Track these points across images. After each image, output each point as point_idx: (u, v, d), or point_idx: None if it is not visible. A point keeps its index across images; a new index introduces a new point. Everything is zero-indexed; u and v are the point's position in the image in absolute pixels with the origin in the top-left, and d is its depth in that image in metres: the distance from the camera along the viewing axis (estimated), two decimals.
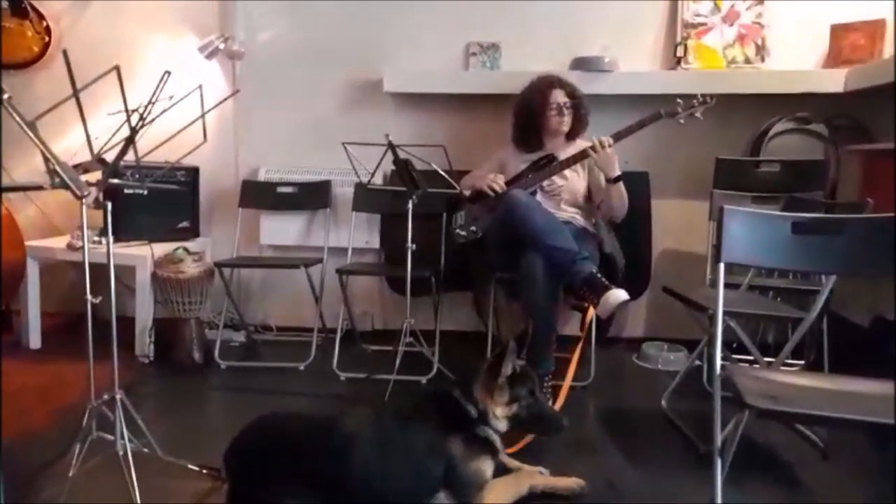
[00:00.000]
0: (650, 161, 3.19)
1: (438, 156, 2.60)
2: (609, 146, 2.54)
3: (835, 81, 2.93)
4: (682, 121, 2.62)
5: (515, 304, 2.77)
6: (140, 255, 2.94)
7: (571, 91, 2.76)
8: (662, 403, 2.49)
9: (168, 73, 1.63)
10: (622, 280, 2.53)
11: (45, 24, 3.37)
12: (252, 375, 2.84)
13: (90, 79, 1.56)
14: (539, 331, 2.41)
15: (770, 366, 2.13)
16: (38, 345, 3.11)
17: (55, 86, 1.66)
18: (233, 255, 3.25)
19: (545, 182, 2.71)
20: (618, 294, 2.27)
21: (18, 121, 1.47)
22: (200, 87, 1.78)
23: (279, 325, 3.44)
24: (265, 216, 3.36)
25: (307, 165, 3.36)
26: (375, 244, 3.35)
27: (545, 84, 2.76)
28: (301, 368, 2.88)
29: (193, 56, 3.26)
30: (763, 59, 3.13)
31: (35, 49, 3.37)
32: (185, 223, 3.28)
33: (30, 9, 3.32)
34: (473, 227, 2.79)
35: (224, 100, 2.00)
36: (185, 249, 3.00)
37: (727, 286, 1.75)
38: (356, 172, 2.78)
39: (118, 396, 1.76)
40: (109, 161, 1.71)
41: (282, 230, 3.36)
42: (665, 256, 3.29)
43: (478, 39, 3.28)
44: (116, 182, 1.72)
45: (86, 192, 1.58)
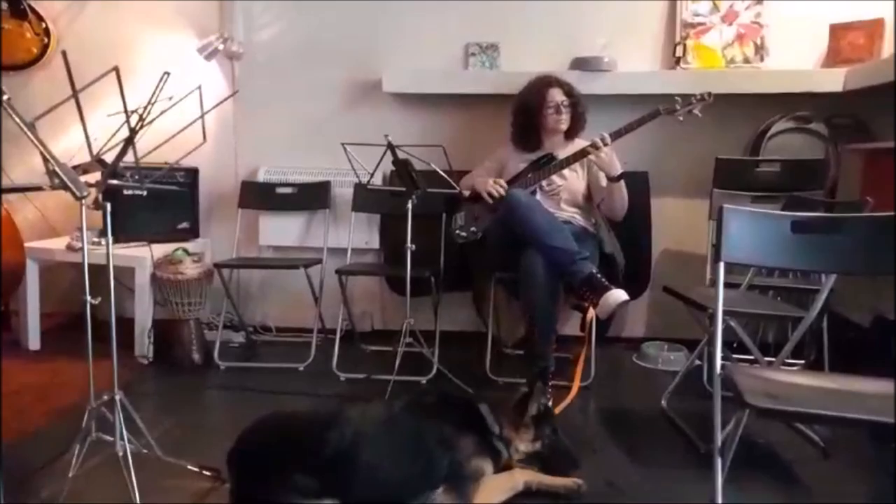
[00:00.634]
0: (650, 161, 3.19)
1: (438, 156, 2.60)
2: (607, 143, 2.55)
3: (834, 81, 2.93)
4: (681, 118, 2.63)
5: (515, 304, 2.77)
6: (139, 256, 2.94)
7: (569, 90, 2.78)
8: (662, 403, 2.49)
9: (167, 74, 1.63)
10: (622, 280, 2.54)
11: (45, 26, 3.37)
12: (251, 376, 2.83)
13: (89, 80, 1.57)
14: (539, 330, 2.41)
15: (770, 365, 2.13)
16: (38, 346, 3.11)
17: (54, 87, 1.67)
18: (232, 256, 3.25)
19: (544, 182, 2.72)
20: (617, 294, 2.28)
21: (18, 122, 1.47)
22: (200, 88, 1.79)
23: (279, 326, 3.43)
24: (265, 217, 3.35)
25: (307, 166, 3.35)
26: (375, 244, 3.35)
27: (543, 83, 2.78)
28: (300, 369, 2.88)
29: (193, 57, 3.26)
30: (762, 59, 3.13)
31: (34, 50, 3.37)
32: (185, 224, 3.28)
33: (29, 10, 3.32)
34: (473, 228, 2.79)
35: (223, 100, 2.01)
36: (185, 250, 3.00)
37: (727, 286, 1.75)
38: (356, 173, 2.78)
39: (118, 397, 1.76)
40: (109, 162, 1.71)
41: (281, 231, 3.36)
42: (665, 256, 3.29)
43: (477, 39, 3.28)
44: (116, 183, 1.72)
45: (85, 193, 1.58)
